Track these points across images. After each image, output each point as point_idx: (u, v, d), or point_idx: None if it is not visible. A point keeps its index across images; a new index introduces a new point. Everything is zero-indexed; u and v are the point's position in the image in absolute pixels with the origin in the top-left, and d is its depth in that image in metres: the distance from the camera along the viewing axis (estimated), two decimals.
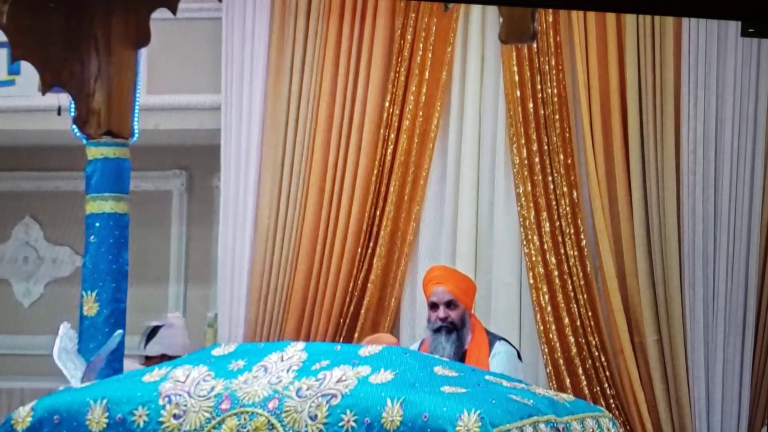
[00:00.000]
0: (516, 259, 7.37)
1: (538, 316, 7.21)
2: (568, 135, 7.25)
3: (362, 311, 7.41)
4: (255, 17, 7.57)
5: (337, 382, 4.44)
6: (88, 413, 4.62)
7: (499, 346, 6.18)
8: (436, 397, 4.30)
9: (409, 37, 7.43)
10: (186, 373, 4.66)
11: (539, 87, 7.29)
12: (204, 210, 8.98)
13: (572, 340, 7.15)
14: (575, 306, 7.18)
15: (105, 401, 4.62)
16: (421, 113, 7.42)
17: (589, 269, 7.18)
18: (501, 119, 7.40)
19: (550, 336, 7.18)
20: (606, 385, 7.12)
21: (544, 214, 7.25)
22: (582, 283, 7.16)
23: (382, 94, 7.45)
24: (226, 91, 7.62)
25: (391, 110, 7.45)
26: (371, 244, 7.44)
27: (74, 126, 6.57)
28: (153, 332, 6.94)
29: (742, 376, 6.97)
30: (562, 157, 7.24)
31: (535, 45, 7.16)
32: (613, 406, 7.06)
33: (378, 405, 4.30)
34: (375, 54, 7.44)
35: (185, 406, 4.54)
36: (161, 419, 4.55)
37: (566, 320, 7.16)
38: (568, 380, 7.14)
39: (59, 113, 7.35)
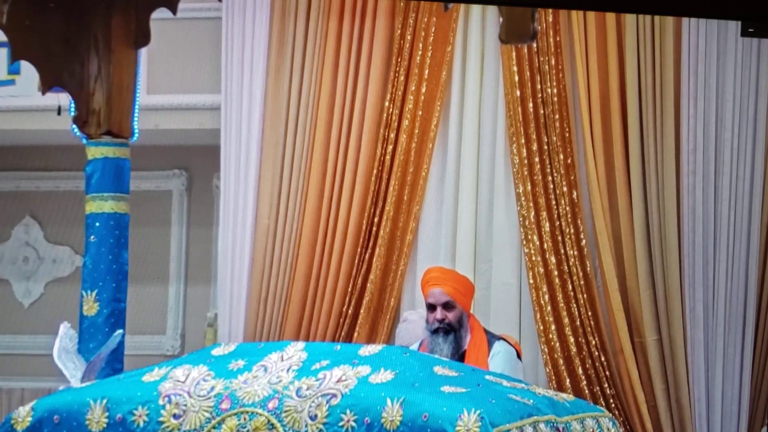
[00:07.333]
0: (516, 259, 7.37)
1: (538, 316, 7.21)
2: (567, 135, 7.25)
3: (362, 311, 7.40)
4: (255, 17, 7.57)
5: (337, 381, 4.44)
6: (88, 413, 4.63)
7: (498, 345, 6.17)
8: (436, 397, 4.30)
9: (409, 37, 7.43)
10: (186, 373, 4.66)
11: (539, 87, 7.29)
12: (204, 210, 8.97)
13: (572, 339, 7.15)
14: (575, 306, 7.18)
15: (105, 401, 4.63)
16: (420, 113, 7.41)
17: (589, 269, 7.18)
18: (501, 119, 7.40)
19: (550, 336, 7.18)
20: (606, 385, 7.12)
21: (544, 214, 7.25)
22: (582, 283, 7.16)
23: (382, 94, 7.45)
24: (226, 91, 7.62)
25: (391, 110, 7.45)
26: (371, 244, 7.43)
27: (74, 126, 6.57)
28: None
29: (742, 376, 6.97)
30: (561, 157, 7.24)
31: (535, 45, 7.16)
32: (613, 406, 7.06)
33: (378, 405, 4.30)
34: (375, 54, 7.44)
35: (185, 405, 4.54)
36: (161, 419, 4.55)
37: (566, 320, 7.16)
38: (568, 380, 7.13)
39: (59, 113, 7.35)
